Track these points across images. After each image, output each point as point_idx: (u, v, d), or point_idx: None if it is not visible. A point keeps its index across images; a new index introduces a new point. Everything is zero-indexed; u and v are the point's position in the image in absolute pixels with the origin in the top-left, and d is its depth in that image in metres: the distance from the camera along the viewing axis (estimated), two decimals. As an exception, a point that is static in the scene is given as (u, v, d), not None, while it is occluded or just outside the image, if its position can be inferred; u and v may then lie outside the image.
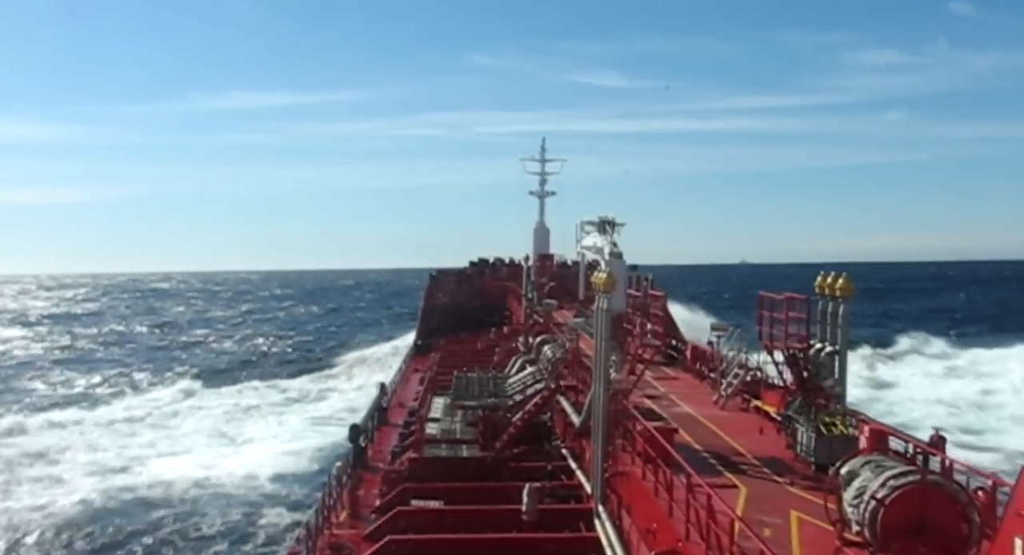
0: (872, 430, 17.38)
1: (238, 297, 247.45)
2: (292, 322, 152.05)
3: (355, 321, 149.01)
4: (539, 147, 70.82)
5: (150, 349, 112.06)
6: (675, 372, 35.45)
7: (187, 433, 55.17)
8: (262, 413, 61.56)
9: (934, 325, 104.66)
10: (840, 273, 22.04)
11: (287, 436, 52.60)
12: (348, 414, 53.11)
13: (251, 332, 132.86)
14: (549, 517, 24.31)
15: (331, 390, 70.55)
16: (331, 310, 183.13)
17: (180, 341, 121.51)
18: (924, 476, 13.50)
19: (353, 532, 25.22)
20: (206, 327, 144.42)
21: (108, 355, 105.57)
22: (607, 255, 32.55)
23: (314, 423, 56.53)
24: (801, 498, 18.14)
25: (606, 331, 22.27)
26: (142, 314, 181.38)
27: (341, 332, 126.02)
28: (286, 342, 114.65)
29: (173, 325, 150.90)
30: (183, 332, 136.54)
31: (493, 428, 29.95)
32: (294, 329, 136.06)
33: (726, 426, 25.21)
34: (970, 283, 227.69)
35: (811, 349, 22.29)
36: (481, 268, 79.81)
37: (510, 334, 54.15)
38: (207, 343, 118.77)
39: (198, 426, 57.41)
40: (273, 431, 54.96)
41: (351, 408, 57.37)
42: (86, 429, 56.01)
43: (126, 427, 57.09)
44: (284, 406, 64.57)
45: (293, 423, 57.19)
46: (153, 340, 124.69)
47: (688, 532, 15.99)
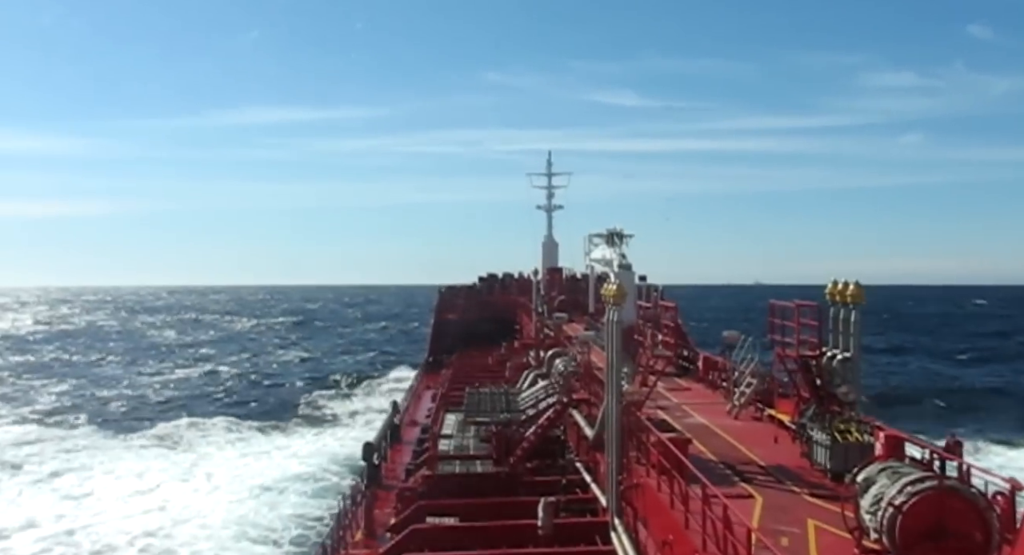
0: (888, 436, 17.26)
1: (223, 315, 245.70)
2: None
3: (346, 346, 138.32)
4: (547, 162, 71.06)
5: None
6: (687, 382, 35.34)
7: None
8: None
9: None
10: (852, 280, 21.98)
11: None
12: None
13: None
14: (565, 531, 24.20)
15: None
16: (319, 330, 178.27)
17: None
18: (941, 481, 13.41)
19: (368, 551, 25.17)
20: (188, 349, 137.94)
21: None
22: (616, 267, 32.53)
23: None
24: (818, 506, 18.02)
25: (617, 343, 22.23)
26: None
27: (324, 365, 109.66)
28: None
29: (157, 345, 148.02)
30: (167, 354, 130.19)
31: (506, 443, 29.86)
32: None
33: (740, 436, 25.10)
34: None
35: (823, 356, 22.21)
36: (490, 283, 79.84)
37: (521, 348, 54.09)
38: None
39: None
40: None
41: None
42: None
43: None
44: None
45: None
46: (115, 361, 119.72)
47: (705, 543, 15.89)
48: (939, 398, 74.55)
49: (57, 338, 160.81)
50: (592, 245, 42.33)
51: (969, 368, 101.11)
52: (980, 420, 63.61)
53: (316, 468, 46.73)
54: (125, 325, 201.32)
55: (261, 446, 55.87)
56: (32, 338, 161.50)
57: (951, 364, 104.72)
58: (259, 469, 47.77)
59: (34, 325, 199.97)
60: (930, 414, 66.29)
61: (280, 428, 62.23)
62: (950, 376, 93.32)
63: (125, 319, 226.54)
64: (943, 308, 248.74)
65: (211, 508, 40.20)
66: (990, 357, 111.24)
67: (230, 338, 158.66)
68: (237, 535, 36.45)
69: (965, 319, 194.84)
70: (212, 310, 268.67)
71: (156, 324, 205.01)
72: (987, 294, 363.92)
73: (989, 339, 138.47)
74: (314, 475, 45.45)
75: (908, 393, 77.17)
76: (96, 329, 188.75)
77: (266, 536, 36.43)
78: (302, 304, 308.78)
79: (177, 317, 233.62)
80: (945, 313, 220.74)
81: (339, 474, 44.78)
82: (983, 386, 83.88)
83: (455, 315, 72.48)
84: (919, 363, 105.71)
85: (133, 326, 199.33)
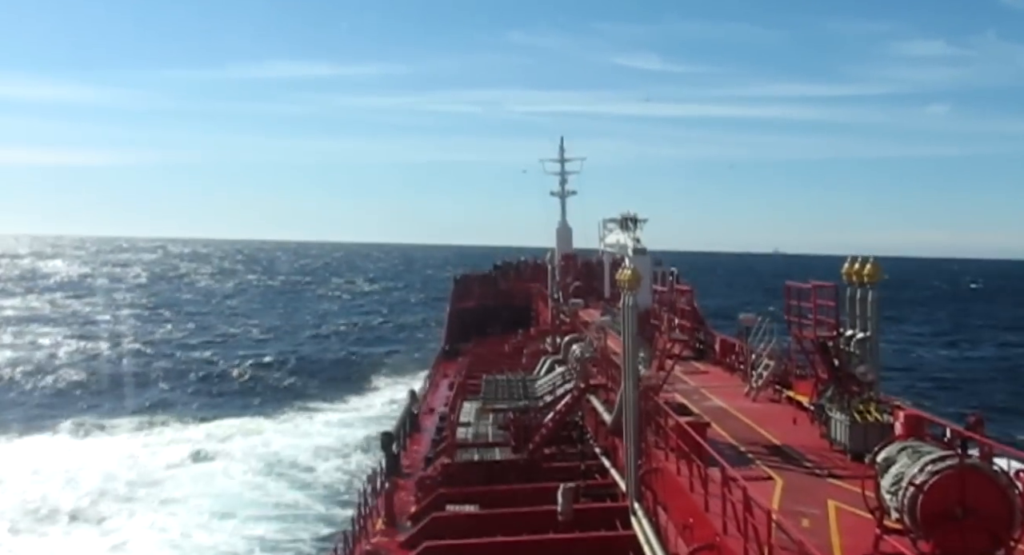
0: (907, 416, 17.16)
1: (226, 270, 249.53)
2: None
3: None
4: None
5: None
6: (705, 366, 35.25)
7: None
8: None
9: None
10: (868, 259, 21.85)
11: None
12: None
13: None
14: (585, 516, 24.25)
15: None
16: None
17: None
18: (962, 460, 13.30)
19: (389, 539, 25.28)
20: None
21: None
22: (631, 252, 32.41)
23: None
24: (838, 487, 17.97)
25: (633, 328, 22.18)
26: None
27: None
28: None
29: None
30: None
31: (525, 430, 29.91)
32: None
33: (758, 418, 25.03)
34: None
35: (841, 337, 22.10)
36: (505, 270, 79.81)
37: (537, 335, 54.08)
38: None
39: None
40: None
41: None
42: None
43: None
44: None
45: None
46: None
47: (725, 526, 15.87)
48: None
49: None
50: (606, 230, 42.24)
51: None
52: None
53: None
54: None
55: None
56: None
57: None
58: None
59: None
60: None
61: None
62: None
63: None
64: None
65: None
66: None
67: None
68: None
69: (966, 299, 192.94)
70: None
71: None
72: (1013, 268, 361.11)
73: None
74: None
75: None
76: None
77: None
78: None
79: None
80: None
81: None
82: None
83: (470, 303, 72.51)
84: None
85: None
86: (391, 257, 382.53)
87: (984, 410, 59.27)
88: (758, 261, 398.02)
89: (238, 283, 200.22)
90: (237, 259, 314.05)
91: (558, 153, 70.64)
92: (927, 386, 72.81)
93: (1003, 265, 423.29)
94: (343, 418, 58.60)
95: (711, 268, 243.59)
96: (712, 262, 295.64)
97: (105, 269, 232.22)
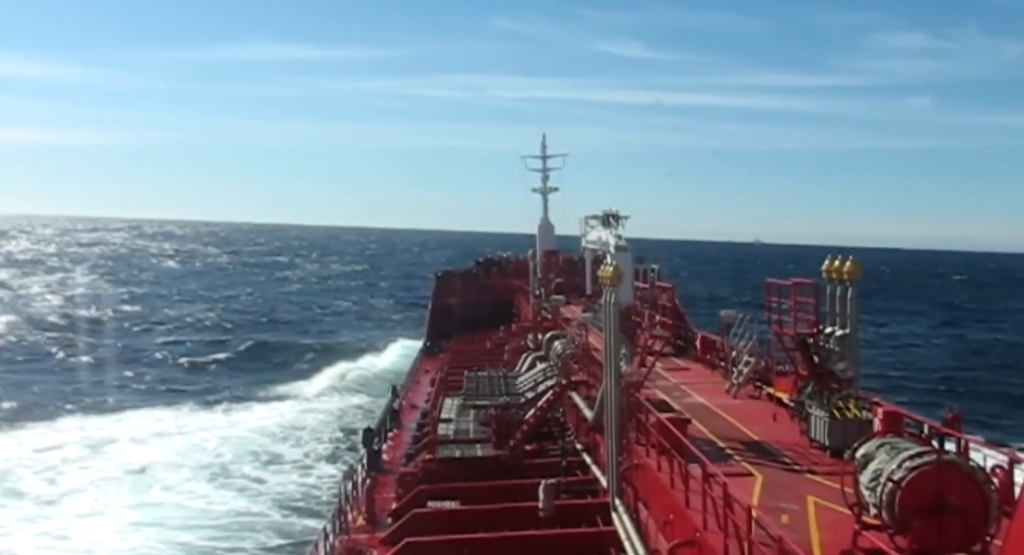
0: (886, 412, 17.27)
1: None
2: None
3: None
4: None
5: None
6: (686, 362, 35.37)
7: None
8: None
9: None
10: (847, 256, 21.98)
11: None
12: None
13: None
14: (566, 513, 24.30)
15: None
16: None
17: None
18: (940, 456, 13.43)
19: (370, 536, 25.24)
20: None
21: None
22: (613, 249, 32.50)
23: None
24: (817, 483, 18.07)
25: (615, 324, 22.22)
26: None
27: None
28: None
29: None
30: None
31: (506, 426, 29.94)
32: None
33: (739, 414, 25.14)
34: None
35: (821, 334, 22.21)
36: (487, 267, 79.84)
37: (519, 331, 54.07)
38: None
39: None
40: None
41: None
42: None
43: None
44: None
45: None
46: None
47: (706, 522, 15.93)
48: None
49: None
50: (588, 227, 42.31)
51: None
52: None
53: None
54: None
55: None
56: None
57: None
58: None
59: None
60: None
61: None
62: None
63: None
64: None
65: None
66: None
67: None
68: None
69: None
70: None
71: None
72: (999, 261, 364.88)
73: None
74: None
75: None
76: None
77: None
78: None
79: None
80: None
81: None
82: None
83: (452, 299, 72.48)
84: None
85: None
86: (368, 240, 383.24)
87: (978, 397, 60.37)
88: (739, 250, 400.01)
89: (204, 264, 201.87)
90: (206, 241, 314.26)
91: (540, 150, 70.75)
92: (913, 375, 73.85)
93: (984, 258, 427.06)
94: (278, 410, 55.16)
95: (693, 256, 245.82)
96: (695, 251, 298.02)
97: (71, 249, 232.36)
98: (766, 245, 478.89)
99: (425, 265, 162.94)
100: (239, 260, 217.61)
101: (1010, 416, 59.07)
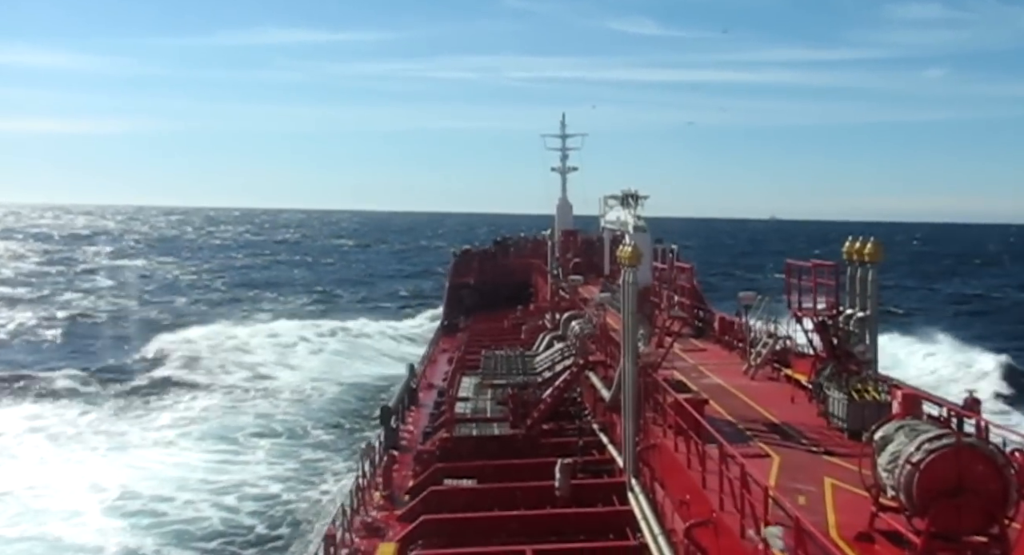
0: (905, 395, 17.19)
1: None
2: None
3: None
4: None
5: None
6: (703, 343, 35.29)
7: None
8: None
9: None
10: (869, 238, 21.82)
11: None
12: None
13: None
14: (582, 492, 24.37)
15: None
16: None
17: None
18: (959, 438, 13.35)
19: (387, 513, 25.43)
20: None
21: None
22: (631, 229, 32.39)
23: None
24: (835, 465, 18.04)
25: (633, 305, 22.18)
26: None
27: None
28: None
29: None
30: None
31: (523, 405, 30.00)
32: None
33: (757, 396, 25.09)
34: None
35: (841, 316, 22.11)
36: (505, 246, 79.82)
37: (536, 311, 54.13)
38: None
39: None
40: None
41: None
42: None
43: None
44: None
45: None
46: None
47: (722, 503, 15.95)
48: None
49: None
50: (607, 207, 42.20)
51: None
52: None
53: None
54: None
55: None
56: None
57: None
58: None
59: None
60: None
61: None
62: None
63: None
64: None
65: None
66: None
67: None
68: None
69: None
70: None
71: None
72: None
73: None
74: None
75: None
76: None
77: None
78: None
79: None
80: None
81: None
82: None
83: (470, 278, 72.56)
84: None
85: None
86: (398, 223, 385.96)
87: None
88: (755, 226, 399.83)
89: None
90: (202, 228, 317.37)
91: (559, 129, 70.48)
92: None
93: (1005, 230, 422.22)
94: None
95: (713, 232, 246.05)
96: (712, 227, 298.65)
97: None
98: (781, 221, 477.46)
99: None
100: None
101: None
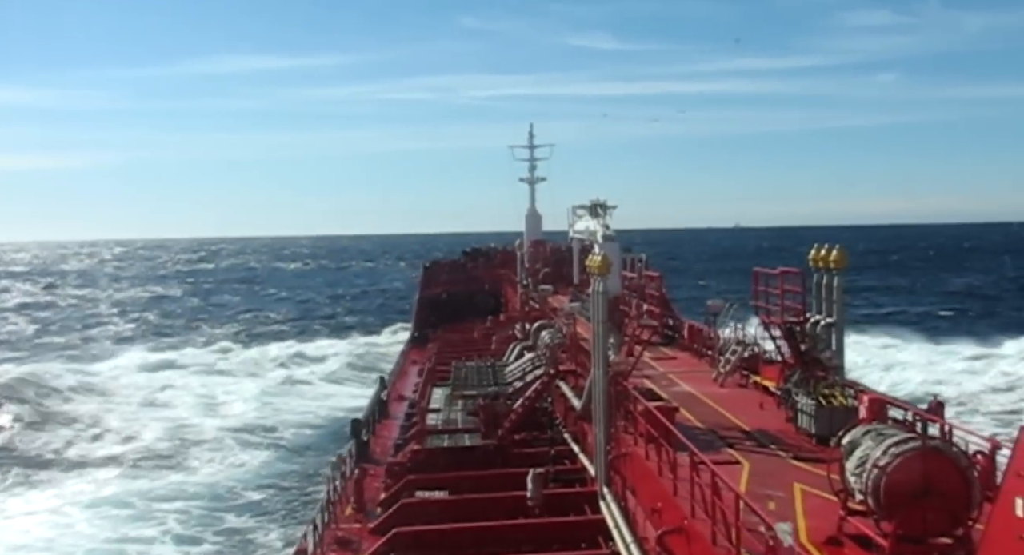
0: (871, 400, 17.44)
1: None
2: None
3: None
4: (531, 118, 70.99)
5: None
6: (673, 351, 35.51)
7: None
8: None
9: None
10: (834, 245, 22.11)
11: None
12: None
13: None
14: (554, 501, 24.40)
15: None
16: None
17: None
18: (925, 442, 13.57)
19: (359, 526, 25.28)
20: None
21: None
22: (600, 238, 32.55)
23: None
24: (804, 470, 18.22)
25: (603, 314, 22.28)
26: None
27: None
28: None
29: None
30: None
31: (494, 416, 29.99)
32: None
33: (726, 403, 25.29)
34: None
35: (807, 322, 22.35)
36: (475, 257, 79.86)
37: (507, 322, 54.11)
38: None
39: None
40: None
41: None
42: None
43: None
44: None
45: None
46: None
47: (693, 509, 16.05)
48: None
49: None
50: (576, 217, 42.34)
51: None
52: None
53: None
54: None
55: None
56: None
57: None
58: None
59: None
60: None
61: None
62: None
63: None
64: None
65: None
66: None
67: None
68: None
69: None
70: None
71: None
72: (972, 232, 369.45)
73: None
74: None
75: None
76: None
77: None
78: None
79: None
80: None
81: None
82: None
83: (440, 289, 72.49)
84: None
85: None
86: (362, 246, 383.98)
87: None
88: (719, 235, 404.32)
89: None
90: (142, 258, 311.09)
91: (527, 139, 70.76)
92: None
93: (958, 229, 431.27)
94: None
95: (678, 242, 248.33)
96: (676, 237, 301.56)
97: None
98: (746, 228, 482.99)
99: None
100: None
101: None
